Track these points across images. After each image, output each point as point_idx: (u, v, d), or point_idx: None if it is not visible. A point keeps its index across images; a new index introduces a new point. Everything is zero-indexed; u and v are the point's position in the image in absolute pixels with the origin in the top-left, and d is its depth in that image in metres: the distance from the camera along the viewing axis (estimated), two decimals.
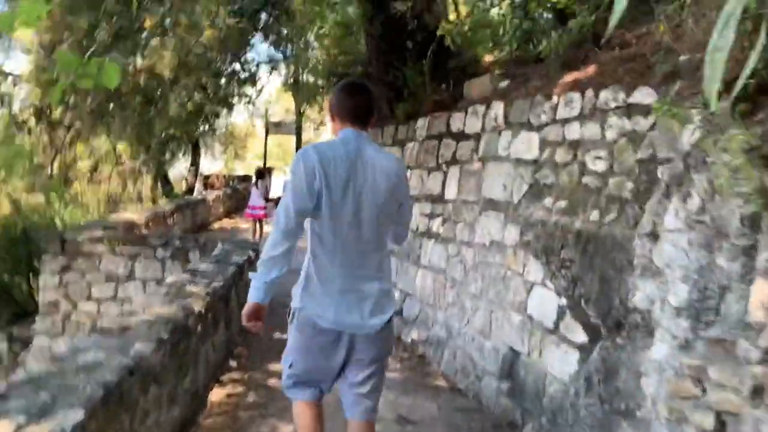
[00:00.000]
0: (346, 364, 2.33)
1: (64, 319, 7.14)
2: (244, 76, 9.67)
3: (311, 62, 10.06)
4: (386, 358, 2.46)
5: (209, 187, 19.19)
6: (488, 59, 6.74)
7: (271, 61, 10.72)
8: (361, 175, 2.22)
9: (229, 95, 11.78)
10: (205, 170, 23.44)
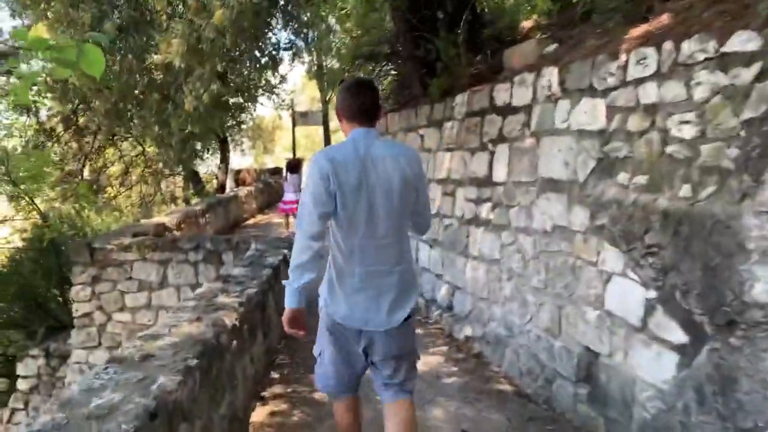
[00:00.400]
0: (371, 358, 2.43)
1: (100, 331, 6.91)
2: (264, 61, 9.05)
3: (334, 47, 9.59)
4: (413, 348, 2.52)
5: (241, 183, 18.96)
6: (526, 25, 6.18)
7: (292, 47, 10.21)
8: (372, 173, 2.27)
9: (250, 84, 11.17)
10: (235, 166, 23.29)
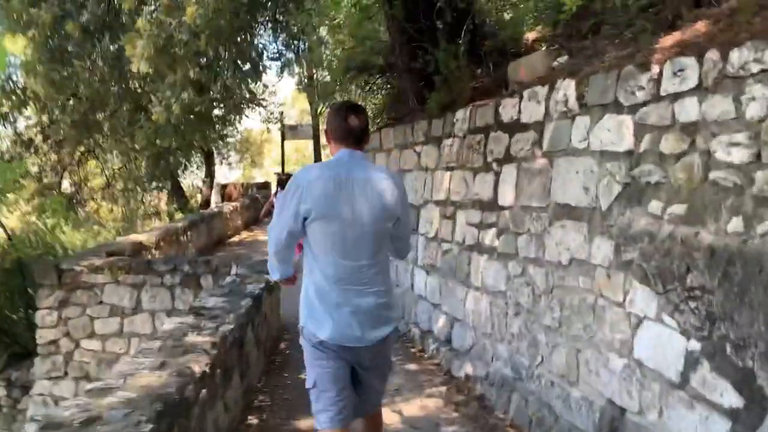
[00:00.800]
0: (353, 376, 2.43)
1: (66, 359, 6.37)
2: (246, 69, 8.40)
3: (326, 59, 9.18)
4: (388, 367, 2.65)
5: (227, 198, 18.44)
6: (530, 36, 5.81)
7: (280, 57, 9.73)
8: (353, 194, 2.29)
9: (233, 94, 10.49)
10: (222, 180, 22.77)
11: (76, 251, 8.60)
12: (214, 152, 17.12)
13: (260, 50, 8.81)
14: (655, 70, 2.78)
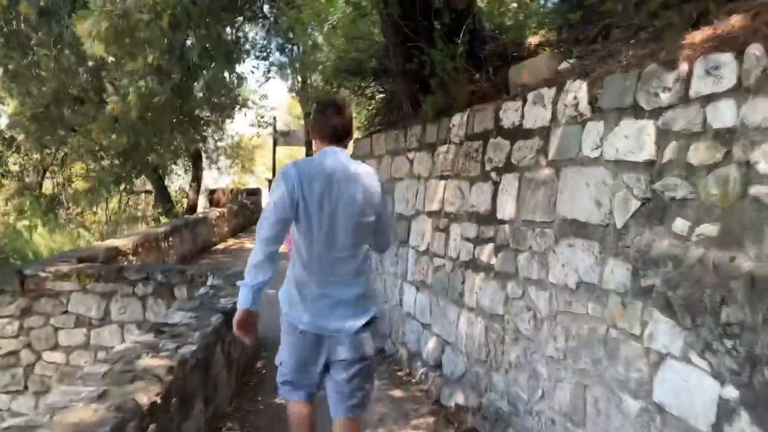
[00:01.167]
0: (329, 365, 2.48)
1: (27, 372, 5.91)
2: (215, 55, 7.58)
3: (320, 63, 8.80)
4: (370, 359, 2.55)
5: (215, 204, 18.00)
6: (534, 41, 5.47)
7: (267, 54, 9.32)
8: (336, 189, 2.37)
9: (212, 93, 9.82)
10: (212, 185, 22.31)
11: (45, 256, 8.12)
12: (203, 156, 16.64)
13: (236, 38, 8.21)
14: (684, 68, 2.41)
